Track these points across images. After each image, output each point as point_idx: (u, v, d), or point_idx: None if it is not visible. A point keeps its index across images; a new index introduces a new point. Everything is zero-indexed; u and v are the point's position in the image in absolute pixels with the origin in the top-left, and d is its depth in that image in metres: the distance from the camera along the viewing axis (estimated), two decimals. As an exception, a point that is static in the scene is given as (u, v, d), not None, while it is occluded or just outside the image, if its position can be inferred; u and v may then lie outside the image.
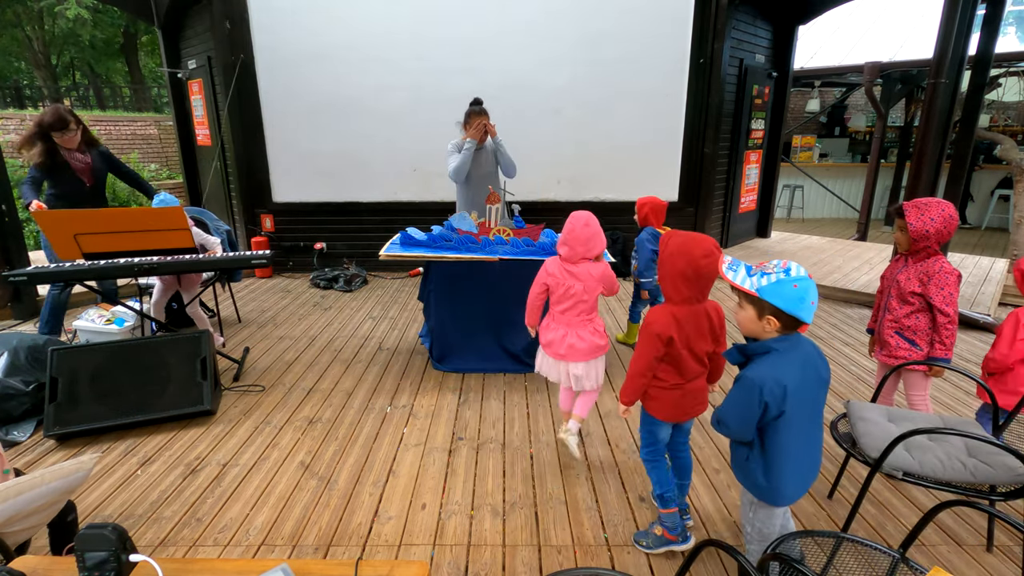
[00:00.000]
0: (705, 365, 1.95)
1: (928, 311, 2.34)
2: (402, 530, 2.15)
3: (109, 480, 2.46)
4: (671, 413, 1.96)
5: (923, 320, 2.36)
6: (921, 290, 2.32)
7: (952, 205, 2.26)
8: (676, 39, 5.61)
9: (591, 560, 2.01)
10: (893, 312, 2.43)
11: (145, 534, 2.12)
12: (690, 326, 1.84)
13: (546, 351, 2.53)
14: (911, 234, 2.28)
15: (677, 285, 1.82)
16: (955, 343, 2.33)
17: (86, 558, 0.88)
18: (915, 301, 2.35)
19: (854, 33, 8.99)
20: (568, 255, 2.40)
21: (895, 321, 2.43)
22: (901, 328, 2.41)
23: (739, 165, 6.57)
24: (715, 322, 1.90)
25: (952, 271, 2.28)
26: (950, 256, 6.48)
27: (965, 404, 3.17)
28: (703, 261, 1.76)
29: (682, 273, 1.79)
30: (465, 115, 3.86)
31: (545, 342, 2.52)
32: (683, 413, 1.97)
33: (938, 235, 2.25)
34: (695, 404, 1.97)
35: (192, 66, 6.15)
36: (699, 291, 1.84)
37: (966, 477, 1.78)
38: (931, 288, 2.28)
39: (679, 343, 1.84)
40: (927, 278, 2.30)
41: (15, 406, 2.87)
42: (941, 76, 4.23)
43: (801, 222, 10.30)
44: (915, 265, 2.35)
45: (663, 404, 1.95)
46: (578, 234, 2.36)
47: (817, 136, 11.49)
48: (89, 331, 3.72)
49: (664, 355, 1.87)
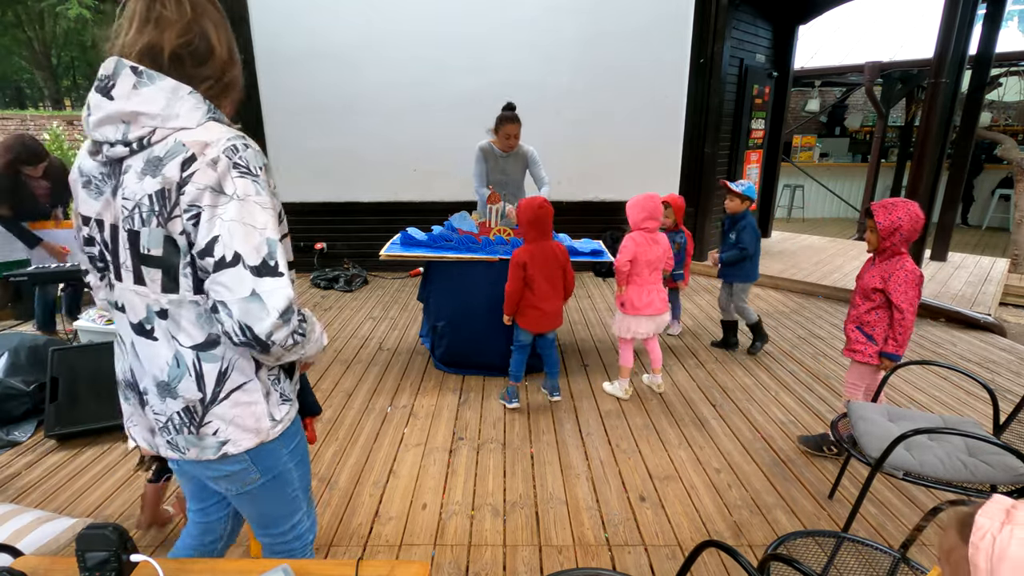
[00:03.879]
0: (558, 292, 2.92)
1: (888, 308, 2.39)
2: (403, 530, 2.16)
3: (110, 480, 2.46)
4: (532, 326, 2.95)
5: (883, 316, 2.43)
6: (882, 286, 2.37)
7: (917, 205, 2.33)
8: (676, 39, 5.61)
9: (592, 560, 2.01)
10: (856, 308, 2.51)
11: (146, 534, 2.12)
12: (539, 257, 2.83)
13: (645, 312, 3.06)
14: (879, 232, 2.33)
15: (528, 229, 2.85)
16: (908, 340, 2.39)
17: (87, 558, 0.88)
18: (876, 297, 2.42)
19: (854, 33, 8.99)
20: (654, 226, 3.03)
21: (857, 317, 2.50)
22: (861, 323, 2.49)
23: (739, 165, 6.56)
24: (560, 256, 2.90)
25: (914, 271, 2.33)
26: (951, 255, 6.48)
27: (966, 404, 3.17)
28: (539, 211, 2.82)
29: (528, 220, 2.83)
30: (496, 120, 3.74)
31: (644, 304, 3.05)
32: (540, 327, 2.95)
33: (906, 233, 2.31)
34: (551, 321, 2.96)
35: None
36: (541, 232, 2.85)
37: (966, 476, 1.77)
38: (891, 284, 2.35)
39: (531, 267, 2.82)
40: (888, 275, 2.36)
41: (16, 406, 2.87)
42: (942, 76, 4.23)
43: (802, 222, 10.30)
44: (881, 264, 2.41)
45: (527, 319, 2.94)
46: (657, 207, 3.01)
47: (817, 136, 11.50)
48: (90, 331, 3.72)
49: (525, 278, 2.82)
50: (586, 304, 5.06)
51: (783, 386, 3.41)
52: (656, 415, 3.04)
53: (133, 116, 0.94)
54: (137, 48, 0.96)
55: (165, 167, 0.94)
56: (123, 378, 1.15)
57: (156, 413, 1.09)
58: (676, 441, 2.79)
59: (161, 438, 1.11)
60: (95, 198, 1.02)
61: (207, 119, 0.99)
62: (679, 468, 2.56)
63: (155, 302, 1.01)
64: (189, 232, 0.95)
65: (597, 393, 3.29)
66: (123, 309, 1.06)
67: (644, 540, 2.11)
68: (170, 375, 1.04)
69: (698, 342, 4.14)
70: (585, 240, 3.82)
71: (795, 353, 3.93)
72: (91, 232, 1.05)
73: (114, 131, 0.95)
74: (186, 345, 1.03)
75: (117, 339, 1.14)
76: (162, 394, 1.06)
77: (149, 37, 0.96)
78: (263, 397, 1.11)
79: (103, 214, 1.02)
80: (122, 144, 0.96)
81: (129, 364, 1.11)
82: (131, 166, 0.97)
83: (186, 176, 0.93)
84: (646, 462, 2.61)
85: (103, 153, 0.98)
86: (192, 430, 1.07)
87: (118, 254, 1.02)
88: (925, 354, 3.94)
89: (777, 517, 2.23)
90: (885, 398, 2.50)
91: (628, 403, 3.18)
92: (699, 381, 3.47)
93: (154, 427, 1.11)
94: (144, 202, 0.95)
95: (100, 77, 0.96)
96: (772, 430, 2.89)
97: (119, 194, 0.99)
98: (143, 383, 1.09)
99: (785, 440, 2.80)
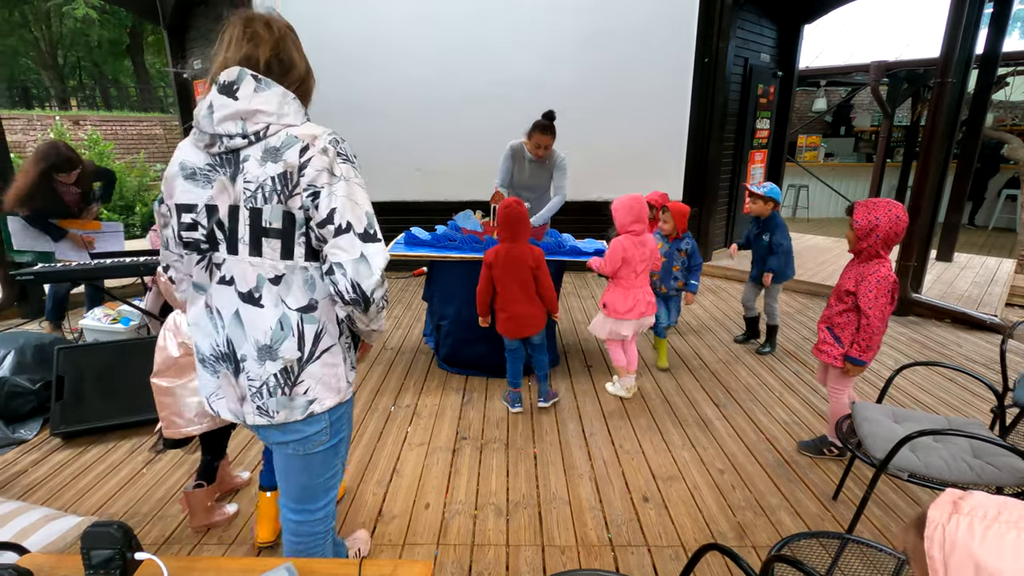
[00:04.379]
0: (530, 297, 2.83)
1: (858, 312, 2.34)
2: (406, 529, 2.16)
3: (115, 478, 2.47)
4: (505, 330, 2.92)
5: (852, 320, 2.38)
6: (854, 289, 2.32)
7: (901, 207, 2.24)
8: (680, 38, 5.59)
9: (595, 560, 2.01)
10: (830, 308, 2.48)
11: (150, 532, 2.13)
12: (506, 258, 2.77)
13: (628, 316, 3.02)
14: (856, 231, 2.29)
15: (500, 229, 2.82)
16: (876, 347, 2.33)
17: (92, 556, 0.89)
18: (848, 300, 2.38)
19: (860, 32, 8.95)
20: (641, 229, 2.99)
21: (828, 317, 2.48)
22: (832, 324, 2.46)
23: (744, 165, 6.55)
24: (530, 259, 2.79)
25: (887, 276, 2.26)
26: (957, 256, 6.45)
27: (971, 405, 3.15)
28: (507, 211, 2.76)
29: (500, 220, 2.79)
30: (531, 126, 3.66)
31: (626, 309, 3.01)
32: (514, 332, 2.90)
33: (883, 235, 2.24)
34: (523, 327, 2.88)
35: (198, 66, 6.18)
36: (511, 234, 2.78)
37: (971, 478, 1.76)
38: (861, 288, 2.29)
39: (497, 268, 2.78)
40: (862, 278, 2.30)
41: (22, 404, 2.89)
42: (948, 75, 4.20)
43: (806, 222, 10.26)
44: (858, 266, 2.35)
45: (499, 323, 2.92)
46: (644, 209, 2.99)
47: (822, 135, 11.45)
48: (95, 330, 3.74)
49: (491, 279, 2.82)
50: (590, 304, 5.05)
51: (787, 387, 3.40)
52: (660, 416, 3.04)
53: (252, 114, 1.15)
54: (236, 60, 1.18)
55: (285, 154, 1.15)
56: (213, 352, 1.29)
57: (251, 379, 1.25)
58: (680, 442, 2.78)
59: (251, 405, 1.27)
60: (203, 187, 1.20)
61: (305, 119, 1.23)
62: (682, 469, 2.56)
63: (271, 269, 1.20)
64: (308, 207, 1.16)
65: (600, 393, 3.28)
66: (231, 282, 1.23)
67: (647, 541, 2.10)
68: (273, 338, 1.22)
69: (702, 342, 4.13)
70: (588, 240, 3.81)
71: (799, 354, 3.91)
72: (196, 218, 1.21)
73: (234, 126, 1.15)
74: (292, 308, 1.22)
75: (208, 316, 1.28)
76: (262, 358, 1.23)
77: (246, 50, 1.19)
78: (343, 361, 1.35)
79: (217, 199, 1.19)
80: (240, 136, 1.16)
81: (226, 336, 1.25)
82: (250, 155, 1.17)
83: (304, 161, 1.15)
84: (649, 462, 2.61)
85: (221, 145, 1.17)
86: (286, 391, 1.25)
87: (236, 230, 1.19)
88: (930, 355, 3.92)
89: (781, 518, 2.23)
90: (889, 399, 2.49)
91: (631, 403, 3.17)
92: (703, 382, 3.46)
93: (245, 395, 1.27)
94: (267, 183, 1.15)
95: (224, 82, 1.16)
96: (776, 431, 2.89)
97: (239, 179, 1.17)
98: (242, 350, 1.24)
99: (789, 441, 2.79)
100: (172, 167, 1.23)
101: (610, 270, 3.02)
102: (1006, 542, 0.56)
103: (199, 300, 1.29)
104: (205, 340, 1.29)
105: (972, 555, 0.57)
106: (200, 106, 1.18)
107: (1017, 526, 0.57)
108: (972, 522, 0.59)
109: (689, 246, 3.56)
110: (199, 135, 1.19)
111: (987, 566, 0.56)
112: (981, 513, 0.59)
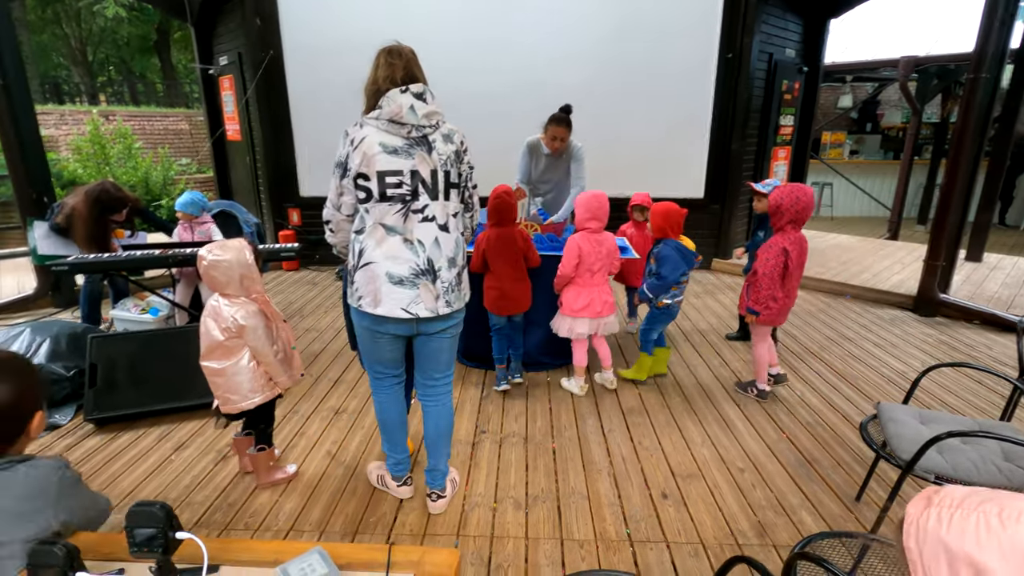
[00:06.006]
0: (521, 276, 3.00)
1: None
2: (426, 520, 2.19)
3: (144, 464, 2.55)
4: (493, 307, 3.07)
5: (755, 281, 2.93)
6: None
7: (811, 192, 2.80)
8: (704, 33, 5.53)
9: (613, 556, 2.02)
10: (752, 274, 2.97)
11: (180, 517, 2.18)
12: (499, 241, 2.94)
13: (583, 314, 3.04)
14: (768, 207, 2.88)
15: (490, 214, 2.95)
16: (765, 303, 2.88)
17: (136, 534, 0.93)
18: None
19: (888, 26, 8.75)
20: (597, 227, 2.98)
21: (747, 281, 3.04)
22: (751, 283, 2.99)
23: (767, 162, 6.45)
24: (519, 241, 2.97)
25: (776, 244, 2.82)
26: (987, 256, 6.29)
27: (1000, 408, 3.08)
28: (496, 201, 2.91)
29: (489, 207, 2.94)
30: (547, 119, 3.67)
31: (581, 307, 3.03)
32: (502, 309, 3.05)
33: (787, 214, 2.76)
34: (511, 304, 3.03)
35: (223, 62, 6.28)
36: (500, 219, 2.92)
37: (1001, 481, 1.73)
38: (760, 255, 2.88)
39: (490, 252, 2.95)
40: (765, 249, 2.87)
41: (57, 390, 2.98)
42: (982, 70, 4.09)
43: (830, 220, 10.09)
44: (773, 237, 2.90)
45: (489, 299, 3.06)
46: (602, 207, 2.97)
47: (848, 132, 11.22)
48: (125, 320, 3.84)
49: (484, 258, 2.97)
50: (608, 301, 5.03)
51: (809, 386, 3.36)
52: (679, 413, 3.03)
53: (433, 113, 1.82)
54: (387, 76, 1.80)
55: (453, 139, 1.89)
56: (413, 271, 1.84)
57: (443, 282, 1.89)
58: (699, 439, 2.77)
59: (443, 300, 1.90)
60: (405, 159, 1.79)
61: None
62: (702, 466, 2.55)
63: (454, 208, 1.92)
64: (464, 173, 1.95)
65: (619, 390, 3.28)
66: (432, 219, 1.85)
67: (666, 537, 2.11)
68: (455, 251, 1.93)
69: (722, 340, 4.10)
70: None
71: (822, 354, 3.86)
72: (401, 180, 1.79)
73: (427, 120, 1.80)
74: (460, 232, 1.98)
75: (408, 248, 1.83)
76: (450, 266, 1.91)
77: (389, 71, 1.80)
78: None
79: (419, 166, 1.80)
80: (429, 126, 1.82)
81: (427, 256, 1.85)
82: (435, 139, 1.83)
83: (462, 144, 1.93)
84: (668, 460, 2.60)
85: (417, 132, 1.80)
86: (458, 288, 1.95)
87: (437, 185, 1.84)
88: (958, 356, 3.84)
89: (802, 518, 2.21)
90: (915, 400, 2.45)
91: (650, 400, 3.16)
92: (723, 380, 3.44)
93: (439, 294, 1.88)
94: (451, 157, 1.87)
95: (416, 92, 1.79)
96: (797, 430, 2.86)
97: (434, 153, 1.83)
98: (439, 263, 1.87)
99: (811, 440, 2.76)
100: (371, 147, 1.76)
101: (569, 269, 2.98)
102: (968, 525, 0.60)
103: (391, 239, 1.82)
104: (404, 266, 1.83)
105: (941, 541, 0.61)
106: (397, 105, 1.74)
107: (978, 510, 0.60)
108: (940, 512, 0.63)
109: (661, 253, 3.08)
110: (393, 125, 1.76)
111: (953, 549, 0.60)
112: (948, 502, 0.63)
